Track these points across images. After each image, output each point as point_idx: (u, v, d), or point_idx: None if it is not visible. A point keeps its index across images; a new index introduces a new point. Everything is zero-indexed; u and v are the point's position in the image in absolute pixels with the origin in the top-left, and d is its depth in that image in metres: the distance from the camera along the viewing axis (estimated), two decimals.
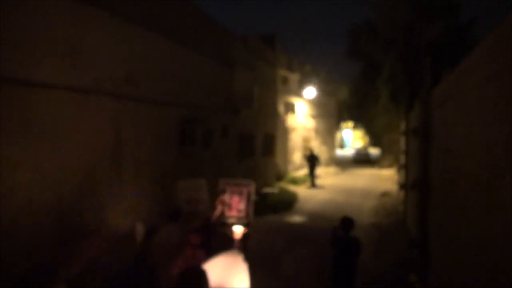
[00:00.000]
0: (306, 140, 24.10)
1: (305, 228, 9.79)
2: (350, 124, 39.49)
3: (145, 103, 6.48)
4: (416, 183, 5.76)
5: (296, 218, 10.67)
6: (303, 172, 20.88)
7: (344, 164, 28.95)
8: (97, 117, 5.35)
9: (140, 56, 6.34)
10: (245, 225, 5.02)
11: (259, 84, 11.70)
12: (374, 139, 34.63)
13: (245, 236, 4.01)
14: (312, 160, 16.47)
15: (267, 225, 9.25)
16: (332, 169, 24.42)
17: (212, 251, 3.14)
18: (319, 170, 22.76)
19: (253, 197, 5.45)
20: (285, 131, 20.74)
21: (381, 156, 32.21)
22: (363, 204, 13.14)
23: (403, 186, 11.54)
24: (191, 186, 6.01)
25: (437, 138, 4.81)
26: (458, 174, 3.45)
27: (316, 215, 10.95)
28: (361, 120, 32.50)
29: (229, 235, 4.32)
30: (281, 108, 20.23)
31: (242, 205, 5.40)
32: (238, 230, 4.64)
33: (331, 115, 27.19)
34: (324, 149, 26.11)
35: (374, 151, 37.74)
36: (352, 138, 57.96)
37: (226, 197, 5.41)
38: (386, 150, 30.30)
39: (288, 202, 12.08)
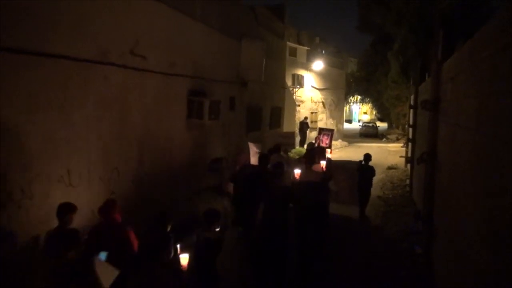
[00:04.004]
0: (313, 113, 23.98)
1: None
2: (357, 97, 39.06)
3: (151, 75, 6.44)
4: (423, 157, 5.75)
5: None
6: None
7: (351, 137, 28.83)
8: (103, 89, 5.34)
9: (147, 28, 6.26)
10: (330, 149, 10.53)
11: (267, 56, 11.54)
12: (382, 113, 34.34)
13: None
14: (302, 125, 20.25)
15: None
16: (339, 143, 24.35)
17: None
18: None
19: (333, 136, 12.37)
20: (293, 104, 20.61)
21: (388, 130, 32.05)
22: None
23: (410, 159, 11.53)
24: (282, 135, 12.07)
25: (447, 112, 4.76)
26: (467, 147, 3.43)
27: None
28: (370, 94, 32.12)
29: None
30: (289, 81, 20.04)
31: (328, 140, 11.79)
32: (327, 151, 8.90)
33: (339, 89, 26.89)
34: (331, 123, 25.98)
35: (381, 125, 37.48)
36: (359, 111, 57.52)
37: (320, 136, 11.72)
38: (394, 124, 30.11)
39: None
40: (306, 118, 20.73)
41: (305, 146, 20.64)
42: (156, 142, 6.67)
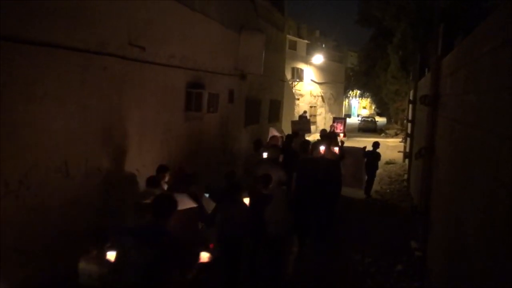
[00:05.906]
0: (312, 107, 23.98)
1: None
2: (357, 92, 39.03)
3: (150, 66, 6.41)
4: (422, 152, 5.76)
5: None
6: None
7: (350, 132, 28.78)
8: (102, 80, 5.31)
9: (145, 19, 6.21)
10: (344, 135, 13.05)
11: (266, 48, 11.47)
12: (381, 108, 34.35)
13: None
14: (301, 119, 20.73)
15: None
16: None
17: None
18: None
19: (346, 124, 14.79)
20: (292, 98, 20.61)
21: (387, 125, 32.07)
22: None
23: (408, 154, 11.55)
24: (300, 122, 13.46)
25: (446, 107, 4.77)
26: (465, 142, 3.44)
27: None
28: (369, 88, 32.09)
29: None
30: (288, 74, 20.01)
31: (342, 127, 13.97)
32: (341, 135, 11.40)
33: (339, 83, 26.85)
34: (330, 117, 25.98)
35: (380, 120, 37.49)
36: (358, 106, 57.52)
37: (334, 123, 13.98)
38: (393, 119, 30.12)
39: None
40: (305, 112, 20.75)
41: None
42: (154, 134, 6.67)
